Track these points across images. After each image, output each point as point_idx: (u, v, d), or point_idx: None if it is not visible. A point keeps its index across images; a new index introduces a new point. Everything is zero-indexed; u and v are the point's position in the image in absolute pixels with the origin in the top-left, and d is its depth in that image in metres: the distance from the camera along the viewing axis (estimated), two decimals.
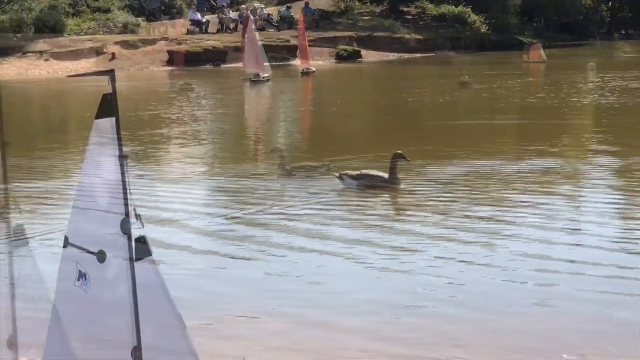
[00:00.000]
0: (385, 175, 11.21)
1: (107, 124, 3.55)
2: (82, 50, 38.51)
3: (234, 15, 44.43)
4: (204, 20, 43.48)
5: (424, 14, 48.36)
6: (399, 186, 11.18)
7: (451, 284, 7.31)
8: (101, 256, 3.65)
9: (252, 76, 29.94)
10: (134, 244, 3.57)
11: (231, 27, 43.41)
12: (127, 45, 40.00)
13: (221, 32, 43.27)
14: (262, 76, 29.97)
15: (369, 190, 11.10)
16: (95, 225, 3.68)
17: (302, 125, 20.82)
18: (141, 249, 3.59)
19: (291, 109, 24.19)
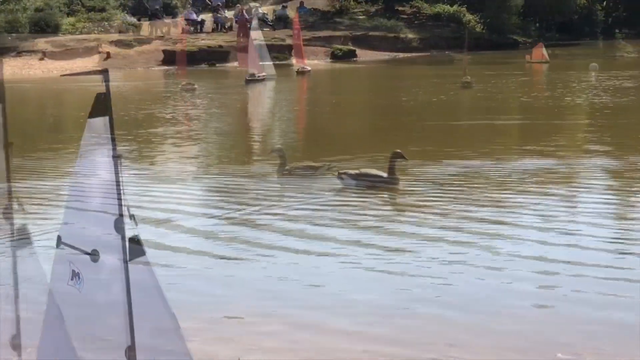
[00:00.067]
0: (384, 174, 11.20)
1: (100, 123, 3.53)
2: (77, 49, 38.51)
3: (229, 14, 44.44)
4: (199, 19, 43.49)
5: (419, 13, 48.41)
6: (398, 185, 11.16)
7: (449, 285, 7.29)
8: (94, 256, 3.63)
9: (248, 75, 29.96)
10: (127, 243, 3.55)
11: (226, 27, 43.41)
12: (122, 44, 40.00)
13: (216, 32, 43.29)
14: (258, 75, 29.98)
15: (367, 190, 11.07)
16: (88, 225, 3.66)
17: (298, 124, 20.79)
18: (135, 249, 3.58)
19: (286, 109, 24.15)
